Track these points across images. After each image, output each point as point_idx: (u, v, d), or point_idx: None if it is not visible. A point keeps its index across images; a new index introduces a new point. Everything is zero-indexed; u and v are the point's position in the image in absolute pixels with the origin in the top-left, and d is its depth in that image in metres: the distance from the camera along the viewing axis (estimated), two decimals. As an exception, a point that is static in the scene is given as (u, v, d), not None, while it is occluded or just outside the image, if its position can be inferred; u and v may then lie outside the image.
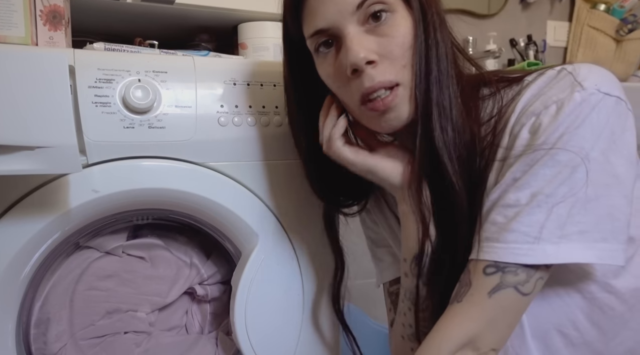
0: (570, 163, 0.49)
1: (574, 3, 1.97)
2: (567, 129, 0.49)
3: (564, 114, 0.50)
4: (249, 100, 0.78)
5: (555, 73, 0.54)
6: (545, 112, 0.51)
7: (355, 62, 0.55)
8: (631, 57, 2.01)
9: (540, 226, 0.49)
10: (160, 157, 0.74)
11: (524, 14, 1.94)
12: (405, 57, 0.56)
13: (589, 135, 0.49)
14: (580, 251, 0.49)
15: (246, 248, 0.82)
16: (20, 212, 0.68)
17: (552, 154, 0.49)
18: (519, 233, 0.50)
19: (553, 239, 0.49)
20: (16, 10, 0.75)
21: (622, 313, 0.55)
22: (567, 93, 0.51)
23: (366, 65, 0.55)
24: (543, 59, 1.85)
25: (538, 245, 0.49)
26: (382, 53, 0.56)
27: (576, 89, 0.50)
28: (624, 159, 0.50)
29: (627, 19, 1.94)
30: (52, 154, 0.59)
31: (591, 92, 0.50)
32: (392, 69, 0.56)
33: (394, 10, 0.56)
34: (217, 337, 0.93)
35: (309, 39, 0.60)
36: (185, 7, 0.97)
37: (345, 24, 0.55)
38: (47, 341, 0.81)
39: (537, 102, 0.53)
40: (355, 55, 0.54)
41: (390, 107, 0.56)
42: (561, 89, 0.51)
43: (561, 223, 0.49)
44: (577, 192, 0.49)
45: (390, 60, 0.56)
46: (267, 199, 0.81)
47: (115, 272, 0.86)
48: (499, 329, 0.51)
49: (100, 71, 0.70)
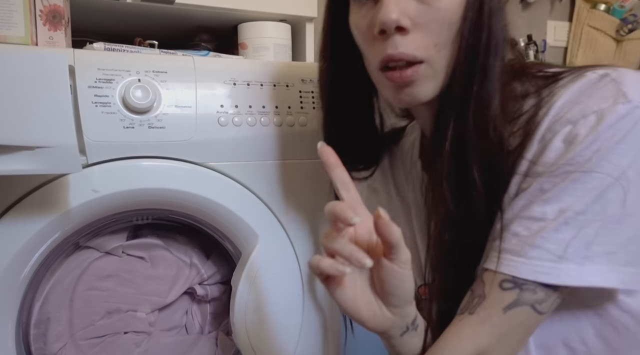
0: (604, 181, 0.46)
1: (574, 3, 1.97)
2: (606, 143, 0.46)
3: (604, 126, 0.46)
4: (249, 100, 0.78)
5: (598, 77, 0.49)
6: (583, 122, 0.47)
7: (384, 22, 0.49)
8: (631, 57, 2.01)
9: (566, 244, 0.46)
10: (160, 157, 0.74)
11: (524, 14, 1.93)
12: (441, 35, 0.51)
13: (628, 153, 0.46)
14: (604, 274, 0.46)
15: (246, 248, 0.82)
16: (20, 212, 0.68)
17: (587, 169, 0.46)
18: (542, 249, 0.47)
19: (577, 259, 0.46)
20: (16, 10, 0.75)
21: (636, 333, 0.52)
22: (610, 103, 0.46)
23: (395, 30, 0.50)
24: (543, 59, 1.85)
25: (561, 265, 0.46)
26: (418, 22, 0.50)
27: (620, 101, 0.46)
28: None
29: (627, 19, 1.94)
30: (52, 154, 0.59)
31: (636, 105, 0.46)
32: (422, 43, 0.51)
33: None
34: (217, 337, 0.93)
35: None
36: (185, 7, 0.97)
37: None
38: (47, 341, 0.81)
39: (575, 109, 0.48)
40: (387, 14, 0.49)
41: (408, 83, 0.52)
42: (603, 98, 0.47)
43: (588, 242, 0.46)
44: (608, 212, 0.46)
45: (423, 32, 0.50)
46: (267, 199, 0.81)
47: (115, 272, 0.86)
48: (509, 345, 0.50)
49: (100, 71, 0.70)
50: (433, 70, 0.52)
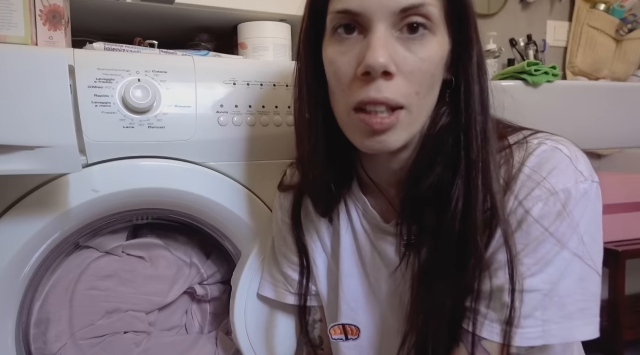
0: (575, 251, 0.51)
1: (574, 3, 1.97)
2: (575, 219, 0.51)
3: (572, 204, 0.52)
4: (249, 100, 0.78)
5: (550, 151, 0.53)
6: (553, 201, 0.52)
7: (373, 66, 0.49)
8: (631, 57, 2.01)
9: (546, 308, 0.51)
10: (160, 157, 0.74)
11: (524, 14, 1.94)
12: (423, 84, 0.52)
13: (590, 223, 0.52)
14: (582, 328, 0.52)
15: (246, 248, 0.82)
16: (20, 212, 0.68)
17: (562, 244, 0.51)
18: (532, 318, 0.52)
19: (556, 319, 0.51)
20: (16, 10, 0.75)
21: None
22: (573, 183, 0.52)
23: (381, 75, 0.50)
24: (543, 59, 1.85)
25: (545, 327, 0.51)
26: (402, 69, 0.51)
27: (580, 180, 0.52)
28: (601, 235, 0.54)
29: (627, 19, 1.94)
30: (52, 154, 0.59)
31: (590, 182, 0.53)
32: (405, 90, 0.51)
33: (435, 32, 0.51)
34: (217, 337, 0.93)
35: (333, 14, 0.53)
36: (185, 7, 0.97)
37: (380, 19, 0.50)
38: (47, 341, 0.81)
39: (542, 186, 0.52)
40: (376, 58, 0.48)
41: (387, 130, 0.52)
42: (566, 177, 0.52)
43: (564, 304, 0.51)
44: (578, 275, 0.52)
45: (407, 80, 0.51)
46: (267, 199, 0.81)
47: (115, 272, 0.86)
48: None
49: (100, 71, 0.70)
50: (411, 117, 0.53)
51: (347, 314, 0.69)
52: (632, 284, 1.75)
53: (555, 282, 0.51)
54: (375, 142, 0.53)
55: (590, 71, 1.98)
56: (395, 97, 0.50)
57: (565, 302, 0.51)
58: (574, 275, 0.52)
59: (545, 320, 0.51)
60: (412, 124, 0.53)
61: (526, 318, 0.52)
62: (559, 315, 0.51)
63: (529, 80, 0.96)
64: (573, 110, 1.01)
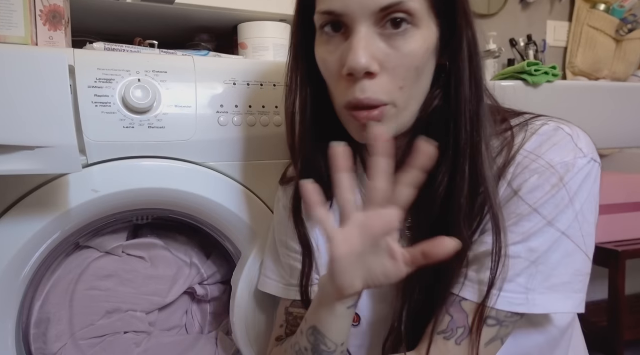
0: (564, 225, 0.52)
1: (574, 3, 1.97)
2: (569, 192, 0.52)
3: (568, 178, 0.52)
4: (249, 100, 0.78)
5: (553, 130, 0.55)
6: (549, 174, 0.53)
7: (354, 68, 0.50)
8: (631, 57, 2.01)
9: (531, 278, 0.52)
10: (160, 157, 0.74)
11: (524, 14, 1.94)
12: (407, 78, 0.53)
13: (585, 198, 0.53)
14: (563, 301, 0.53)
15: (246, 248, 0.82)
16: (20, 212, 0.68)
17: (552, 217, 0.52)
18: (515, 283, 0.53)
19: (540, 289, 0.52)
20: (16, 10, 0.75)
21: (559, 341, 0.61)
22: (571, 158, 0.53)
23: (364, 75, 0.51)
24: (543, 59, 1.85)
25: (529, 296, 0.52)
26: (386, 66, 0.52)
27: (579, 155, 0.53)
28: (595, 217, 0.55)
29: (627, 19, 1.94)
30: (52, 154, 0.59)
31: (589, 159, 0.54)
32: (388, 87, 0.52)
33: (418, 25, 0.52)
34: (217, 337, 0.93)
35: (318, 14, 0.55)
36: (185, 7, 0.98)
37: (361, 19, 0.51)
38: (47, 341, 0.81)
39: (540, 160, 0.53)
40: (357, 60, 0.50)
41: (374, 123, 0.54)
42: (565, 152, 0.53)
43: (548, 275, 0.53)
44: (565, 250, 0.53)
45: (390, 76, 0.52)
46: (267, 199, 0.81)
47: (115, 272, 0.86)
48: None
49: (100, 71, 0.70)
50: (397, 110, 0.54)
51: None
52: (632, 284, 1.75)
53: (543, 253, 0.52)
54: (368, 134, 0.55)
55: (590, 71, 1.98)
56: (377, 96, 0.52)
57: (551, 273, 0.52)
58: (561, 250, 0.52)
59: (529, 289, 0.52)
60: (399, 115, 0.55)
61: (509, 282, 0.52)
62: (544, 286, 0.52)
63: (529, 80, 0.96)
64: (573, 111, 1.01)
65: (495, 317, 0.53)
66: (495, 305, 0.52)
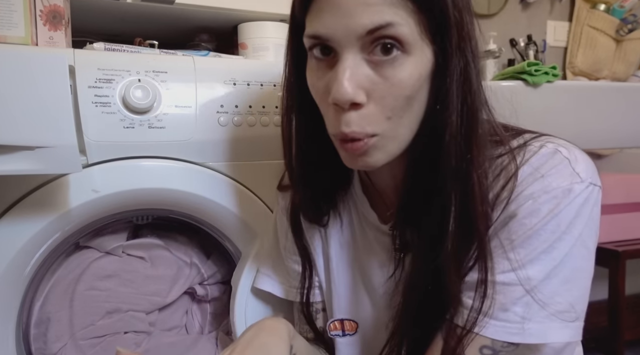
0: (561, 253, 0.51)
1: (574, 3, 1.97)
2: (564, 219, 0.51)
3: (563, 204, 0.51)
4: (249, 100, 0.78)
5: (550, 154, 0.53)
6: (544, 198, 0.51)
7: (338, 99, 0.48)
8: (631, 57, 2.01)
9: (527, 307, 0.51)
10: (160, 157, 0.74)
11: (524, 14, 1.94)
12: (395, 108, 0.50)
13: (583, 224, 0.52)
14: (560, 330, 0.52)
15: (246, 248, 0.82)
16: (20, 212, 0.68)
17: (548, 244, 0.51)
18: (510, 312, 0.51)
19: (537, 318, 0.51)
20: (16, 10, 0.75)
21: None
22: (567, 183, 0.51)
23: (350, 106, 0.49)
24: (543, 59, 1.85)
25: (525, 325, 0.51)
26: (373, 95, 0.49)
27: (575, 181, 0.51)
28: (594, 242, 0.54)
29: (627, 19, 1.94)
30: (52, 154, 0.59)
31: (587, 184, 0.52)
32: (375, 118, 0.50)
33: (410, 51, 0.48)
34: (217, 337, 0.93)
35: (306, 37, 0.52)
36: (185, 7, 0.98)
37: (348, 46, 0.48)
38: (47, 341, 0.81)
39: (536, 185, 0.52)
40: (341, 92, 0.47)
41: (363, 154, 0.52)
42: (561, 177, 0.52)
43: (545, 303, 0.51)
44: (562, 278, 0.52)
45: (378, 106, 0.49)
46: (267, 199, 0.81)
47: (115, 272, 0.86)
48: None
49: (100, 71, 0.70)
50: (385, 140, 0.52)
51: (345, 309, 0.69)
52: (632, 284, 1.75)
53: (539, 281, 0.51)
54: (358, 162, 0.54)
55: (590, 71, 1.98)
56: (362, 129, 0.50)
57: (548, 302, 0.51)
58: (558, 278, 0.51)
59: (525, 318, 0.51)
60: (387, 145, 0.52)
61: (505, 311, 0.51)
62: (540, 315, 0.51)
63: (528, 80, 0.96)
64: (573, 111, 1.01)
65: (491, 347, 0.52)
66: (491, 334, 0.51)
